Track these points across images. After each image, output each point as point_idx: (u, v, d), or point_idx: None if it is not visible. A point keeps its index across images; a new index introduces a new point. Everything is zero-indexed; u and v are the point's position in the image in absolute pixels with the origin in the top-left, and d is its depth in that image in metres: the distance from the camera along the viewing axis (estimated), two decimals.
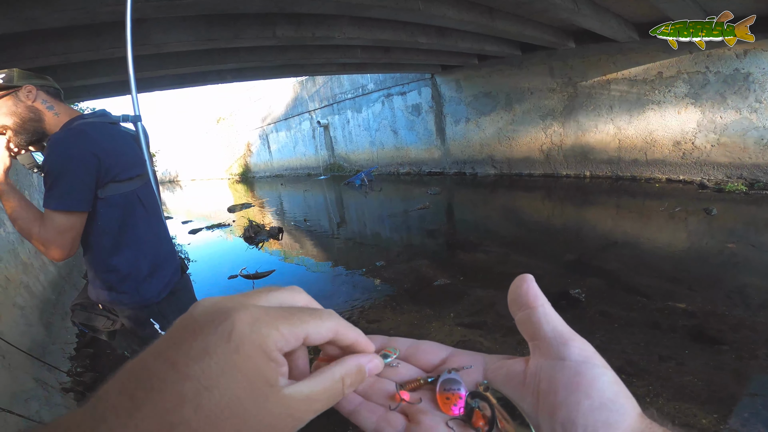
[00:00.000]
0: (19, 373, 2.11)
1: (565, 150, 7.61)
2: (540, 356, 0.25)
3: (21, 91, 1.24)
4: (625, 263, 3.61)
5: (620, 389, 0.22)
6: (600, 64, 6.56)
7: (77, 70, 4.01)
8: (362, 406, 0.28)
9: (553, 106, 7.52)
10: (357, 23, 4.46)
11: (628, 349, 2.30)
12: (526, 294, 0.26)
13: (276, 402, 0.21)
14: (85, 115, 1.34)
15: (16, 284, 2.84)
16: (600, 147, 7.07)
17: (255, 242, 6.11)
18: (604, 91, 6.70)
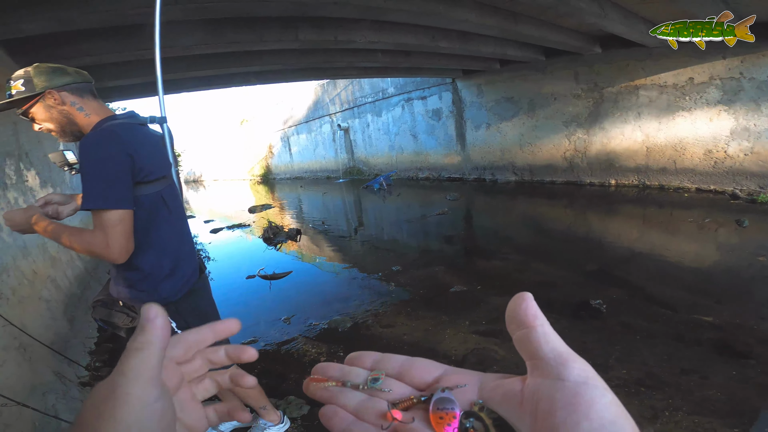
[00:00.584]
0: (39, 366, 2.16)
1: (590, 157, 7.43)
2: (538, 376, 0.24)
3: (47, 98, 1.25)
4: (650, 274, 3.48)
5: (620, 411, 0.22)
6: (628, 69, 6.39)
7: (109, 70, 4.16)
8: (354, 425, 0.28)
9: (578, 112, 7.36)
10: (378, 27, 4.49)
11: (650, 362, 2.23)
12: (525, 313, 0.26)
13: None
14: (116, 115, 1.36)
15: (43, 278, 2.93)
16: (627, 154, 6.87)
17: (274, 243, 6.19)
18: (632, 97, 6.52)
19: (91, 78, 1.36)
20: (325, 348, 2.77)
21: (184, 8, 2.81)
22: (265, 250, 5.92)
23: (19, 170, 3.08)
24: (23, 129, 3.30)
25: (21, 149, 3.20)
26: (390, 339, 2.82)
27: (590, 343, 2.48)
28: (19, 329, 2.00)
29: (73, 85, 1.29)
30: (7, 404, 1.51)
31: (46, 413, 1.70)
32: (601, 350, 2.39)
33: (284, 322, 3.27)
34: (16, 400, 1.51)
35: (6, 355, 1.93)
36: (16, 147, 3.10)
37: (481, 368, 1.42)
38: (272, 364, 2.64)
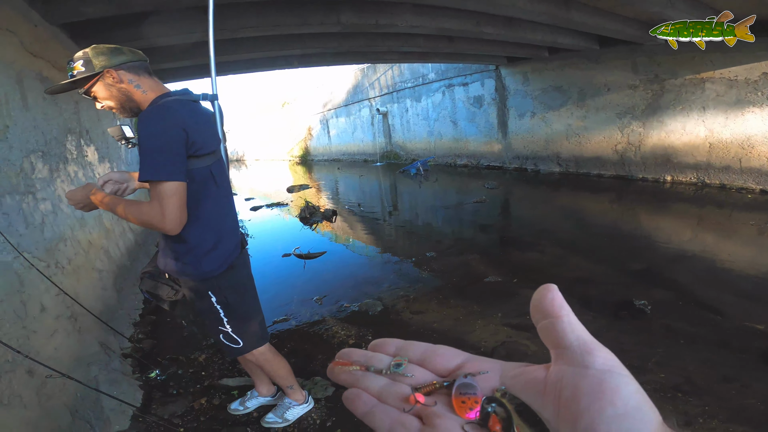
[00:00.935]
0: (86, 336, 2.21)
1: (644, 151, 6.97)
2: (563, 364, 0.24)
3: (106, 77, 1.31)
4: (701, 277, 3.26)
5: (644, 399, 0.22)
6: (694, 61, 5.87)
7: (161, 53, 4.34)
8: (377, 408, 0.28)
9: (634, 103, 6.89)
10: (420, 11, 4.37)
11: (690, 367, 2.12)
12: (551, 303, 0.26)
13: None
14: (171, 92, 1.41)
15: (97, 249, 3.09)
16: (686, 150, 6.38)
17: (309, 223, 6.33)
18: (696, 91, 6.02)
19: (146, 57, 1.41)
20: (354, 331, 2.81)
21: None
22: (301, 229, 6.07)
23: (80, 146, 3.31)
24: (84, 108, 3.53)
25: (82, 126, 3.43)
26: (419, 326, 2.82)
27: (628, 344, 2.37)
28: (72, 299, 2.10)
29: (129, 64, 1.34)
30: (53, 375, 1.57)
31: (88, 385, 1.75)
32: (639, 352, 2.28)
33: (316, 302, 3.36)
34: (61, 372, 1.57)
35: (57, 324, 1.99)
36: (77, 124, 3.32)
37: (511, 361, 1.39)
38: (301, 343, 2.72)
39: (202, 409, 2.09)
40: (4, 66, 2.18)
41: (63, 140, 2.92)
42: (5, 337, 1.53)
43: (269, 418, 1.91)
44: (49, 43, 2.86)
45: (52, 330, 1.93)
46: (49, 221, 2.34)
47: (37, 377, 1.60)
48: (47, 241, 2.25)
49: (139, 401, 2.11)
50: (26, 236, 2.02)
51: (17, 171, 2.10)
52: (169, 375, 2.38)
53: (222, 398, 2.17)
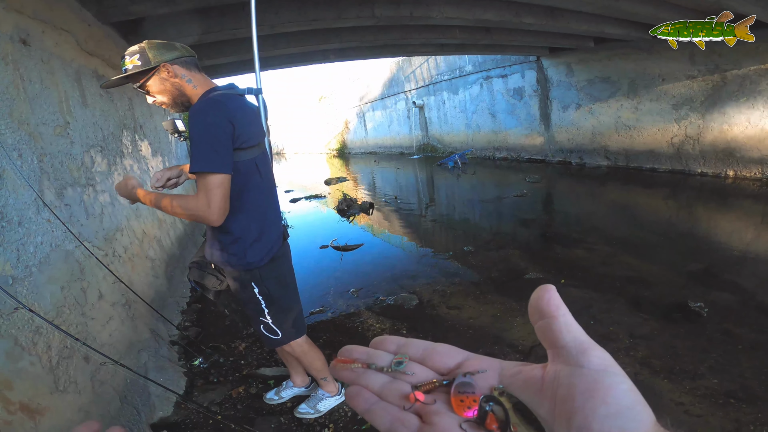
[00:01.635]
0: (139, 323, 2.28)
1: (704, 144, 6.45)
2: (559, 363, 0.25)
3: (161, 71, 1.35)
4: (765, 280, 2.98)
5: (637, 398, 0.22)
6: (758, 51, 5.38)
7: (206, 49, 4.51)
8: (377, 405, 0.29)
9: (692, 95, 6.40)
10: (456, 2, 4.24)
11: (747, 374, 1.97)
12: (548, 303, 0.26)
13: None
14: (218, 87, 1.45)
15: (150, 238, 3.25)
16: (751, 144, 5.85)
17: (347, 215, 6.40)
18: (762, 82, 5.54)
19: (194, 53, 1.45)
20: (389, 324, 2.81)
21: None
22: (339, 221, 6.15)
23: (135, 141, 3.50)
24: (138, 104, 3.73)
25: (136, 122, 3.63)
26: (455, 321, 2.78)
27: (681, 348, 2.21)
28: (127, 286, 2.20)
29: (182, 59, 1.39)
30: (106, 363, 1.64)
31: (138, 372, 1.81)
32: (692, 357, 2.13)
33: (352, 294, 3.38)
34: (113, 359, 1.63)
35: (113, 311, 2.06)
36: (132, 120, 3.51)
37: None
38: (336, 335, 2.74)
39: (240, 398, 2.15)
40: (64, 64, 2.32)
41: (119, 135, 3.10)
42: (65, 323, 1.61)
43: (302, 409, 1.95)
44: (103, 41, 3.02)
45: (108, 317, 2.00)
46: (107, 212, 2.48)
47: (93, 363, 1.66)
48: (106, 230, 2.39)
49: (182, 388, 2.18)
50: (87, 226, 2.15)
51: (78, 165, 2.25)
52: (211, 363, 2.46)
53: (259, 387, 2.23)
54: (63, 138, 2.13)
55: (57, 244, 1.75)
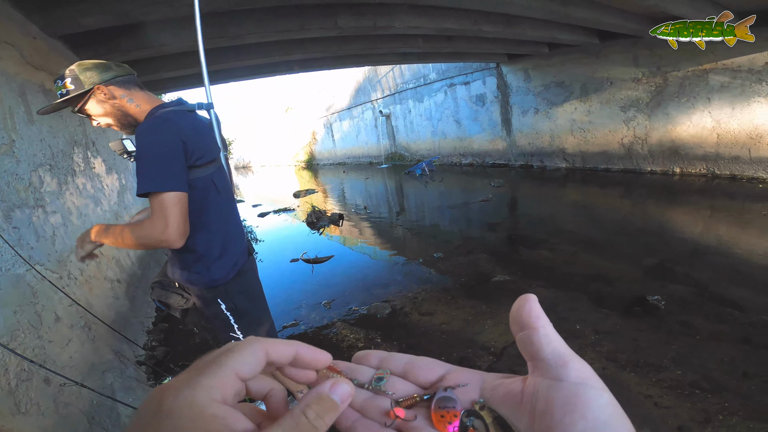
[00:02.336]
0: (101, 344, 2.27)
1: (651, 144, 6.88)
2: (538, 376, 0.25)
3: (96, 94, 1.29)
4: (717, 271, 3.19)
5: (616, 411, 0.22)
6: (696, 53, 5.79)
7: (165, 62, 4.38)
8: (358, 422, 0.28)
9: (638, 96, 6.82)
10: (418, 12, 4.36)
11: (709, 364, 2.07)
12: (528, 314, 0.26)
13: None
14: (165, 103, 1.40)
15: (108, 258, 3.13)
16: (694, 142, 6.29)
17: (317, 227, 6.33)
18: (700, 82, 5.95)
19: (133, 71, 1.40)
20: (363, 334, 2.80)
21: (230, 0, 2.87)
22: (309, 234, 6.08)
23: (87, 158, 3.34)
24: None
25: (88, 138, 3.46)
26: (428, 327, 2.80)
27: (644, 341, 2.32)
28: (85, 309, 2.13)
29: (118, 79, 1.32)
30: (66, 384, 1.61)
31: (103, 393, 1.78)
32: (655, 350, 2.23)
33: (325, 306, 3.35)
34: (75, 380, 1.61)
35: (72, 334, 2.03)
36: (83, 136, 3.35)
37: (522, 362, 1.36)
38: None
39: None
40: (7, 79, 2.20)
41: (70, 153, 2.94)
42: (21, 347, 1.57)
43: None
44: (50, 55, 2.88)
45: (67, 339, 1.96)
46: (60, 234, 2.36)
47: (54, 385, 1.63)
48: (59, 252, 2.28)
49: None
50: (38, 249, 2.04)
51: (26, 185, 2.12)
52: None
53: None
54: (8, 157, 2.01)
55: (7, 269, 1.71)
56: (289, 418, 0.23)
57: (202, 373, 0.23)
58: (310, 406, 0.24)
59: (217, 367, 0.23)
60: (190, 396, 0.22)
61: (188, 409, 0.21)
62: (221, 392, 0.22)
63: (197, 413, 0.21)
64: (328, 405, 0.24)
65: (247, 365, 0.24)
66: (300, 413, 0.23)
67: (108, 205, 3.61)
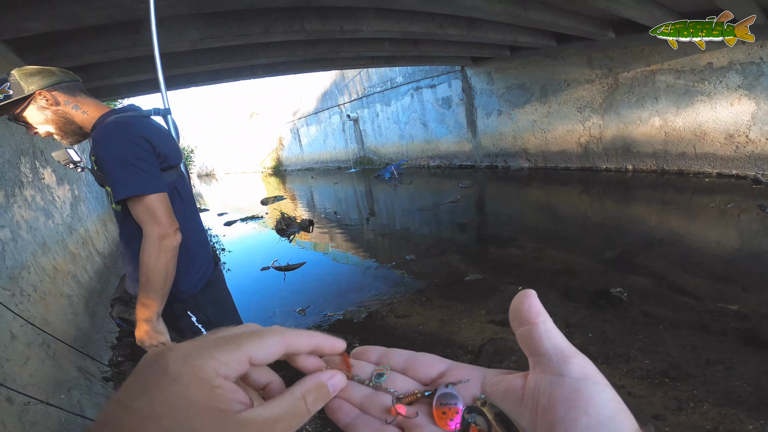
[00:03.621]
0: (63, 362, 2.17)
1: (605, 143, 7.26)
2: (540, 372, 0.25)
3: (37, 100, 1.20)
4: (672, 262, 3.39)
5: (619, 407, 0.22)
6: (643, 54, 6.20)
7: (119, 67, 4.17)
8: (359, 419, 0.28)
9: (592, 97, 7.19)
10: (384, 15, 4.40)
11: (674, 352, 2.17)
12: (528, 310, 0.26)
13: (233, 427, 0.21)
14: (116, 109, 1.32)
15: (64, 274, 2.96)
16: (644, 140, 6.69)
17: (287, 234, 6.22)
18: (648, 83, 6.34)
19: (78, 77, 1.32)
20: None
21: (190, 2, 2.78)
22: (279, 242, 5.96)
23: (35, 168, 3.12)
24: None
25: (35, 147, 3.24)
26: (405, 329, 2.81)
27: (611, 333, 2.43)
28: (39, 328, 2.01)
29: (62, 84, 1.24)
30: (31, 402, 1.54)
31: (71, 411, 1.71)
32: (622, 340, 2.34)
33: (299, 314, 3.29)
34: (39, 399, 1.53)
35: (29, 352, 1.94)
36: (30, 145, 3.13)
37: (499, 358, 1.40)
38: None
39: None
40: None
41: (16, 163, 2.75)
42: None
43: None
44: None
45: (25, 357, 1.89)
46: (9, 249, 2.22)
47: (17, 404, 1.58)
48: (9, 269, 2.15)
49: None
50: None
51: None
52: None
53: None
54: None
55: None
56: (288, 397, 0.25)
57: (217, 347, 0.23)
58: (310, 391, 0.25)
59: (235, 346, 0.23)
60: (199, 366, 0.22)
61: (195, 378, 0.21)
62: (229, 370, 0.23)
63: (203, 383, 0.21)
64: (323, 393, 0.26)
65: (263, 354, 0.24)
66: (300, 396, 0.25)
67: (60, 217, 3.39)
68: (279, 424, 0.23)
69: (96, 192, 5.06)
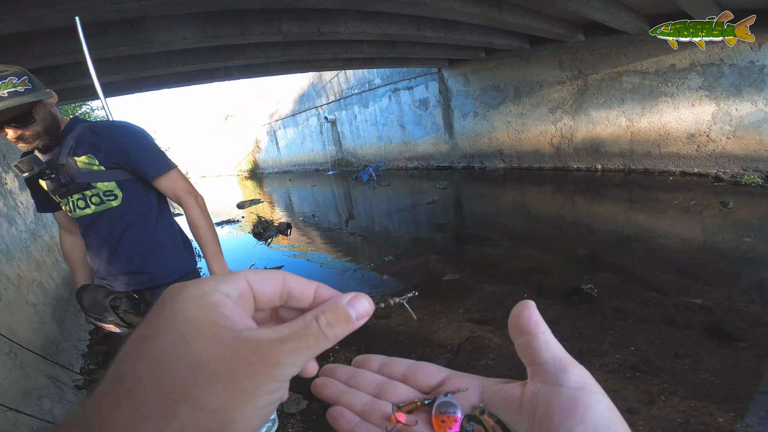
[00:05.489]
0: (31, 370, 2.12)
1: (576, 143, 7.50)
2: (538, 381, 0.25)
3: (50, 100, 1.24)
4: (639, 258, 3.54)
5: (614, 416, 0.23)
6: (611, 56, 6.45)
7: (86, 69, 4.02)
8: (359, 426, 0.28)
9: (563, 98, 7.42)
10: (363, 18, 4.42)
11: (643, 346, 2.25)
12: (528, 320, 0.27)
13: (235, 343, 0.20)
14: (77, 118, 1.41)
15: (29, 282, 2.86)
16: (612, 140, 6.95)
17: (264, 238, 6.14)
18: (615, 84, 6.59)
19: None
20: None
21: (160, 4, 2.72)
22: (256, 246, 5.87)
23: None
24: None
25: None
26: (384, 330, 2.83)
27: (584, 328, 2.51)
28: (5, 336, 1.94)
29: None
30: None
31: (42, 419, 1.67)
32: (594, 335, 2.42)
33: None
34: (9, 407, 1.48)
35: None
36: None
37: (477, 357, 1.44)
38: None
39: None
40: None
41: None
42: None
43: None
44: None
45: None
46: None
47: None
48: None
49: None
50: None
51: None
52: None
53: None
54: None
55: None
56: (300, 320, 0.23)
57: (219, 275, 0.23)
58: (324, 312, 0.23)
59: (233, 275, 0.23)
60: (198, 286, 0.22)
61: (193, 295, 0.21)
62: (229, 288, 0.22)
63: (201, 299, 0.21)
64: (342, 316, 0.23)
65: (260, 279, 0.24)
66: (312, 318, 0.23)
67: (24, 224, 3.25)
68: (286, 344, 0.21)
69: None
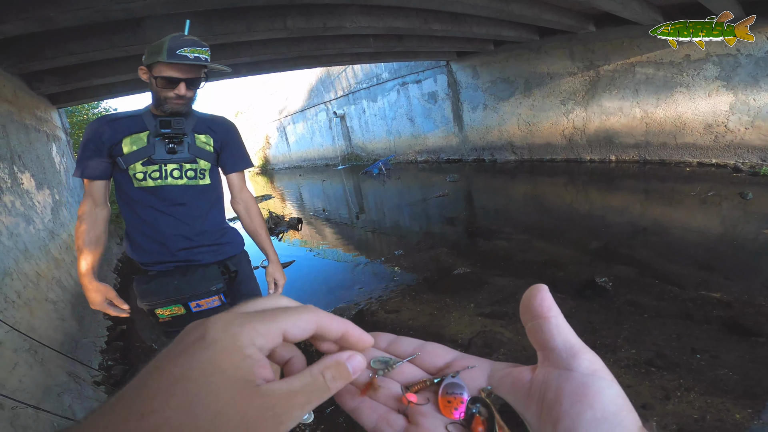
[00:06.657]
0: (51, 367, 2.17)
1: (589, 134, 7.36)
2: (548, 366, 0.25)
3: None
4: (655, 251, 3.46)
5: (624, 403, 0.22)
6: (623, 47, 6.29)
7: (96, 69, 4.08)
8: (364, 403, 0.29)
9: (575, 90, 7.28)
10: (368, 11, 4.38)
11: (659, 341, 2.19)
12: (540, 304, 0.26)
13: (255, 398, 0.21)
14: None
15: (48, 279, 2.92)
16: (626, 131, 6.81)
17: (275, 233, 6.18)
18: (628, 75, 6.45)
19: None
20: None
21: (166, 2, 2.73)
22: None
23: (14, 173, 3.05)
24: (13, 131, 3.25)
25: (13, 152, 3.16)
26: (395, 324, 2.82)
27: (598, 323, 2.47)
28: (24, 334, 2.00)
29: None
30: (17, 407, 1.53)
31: (62, 415, 1.71)
32: (608, 330, 2.37)
33: None
34: (28, 404, 1.53)
35: (17, 357, 1.93)
36: (7, 150, 3.05)
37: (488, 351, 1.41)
38: None
39: None
40: None
41: None
42: None
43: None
44: None
45: (13, 363, 1.90)
46: None
47: (8, 409, 1.61)
48: None
49: None
50: None
51: None
52: None
53: None
54: None
55: None
56: (307, 374, 0.25)
57: (256, 318, 0.24)
58: (328, 368, 0.25)
59: (272, 320, 0.24)
60: (237, 333, 0.22)
61: (230, 346, 0.22)
62: (264, 342, 0.23)
63: (237, 352, 0.22)
64: (343, 372, 0.26)
65: (297, 330, 0.25)
66: (318, 373, 0.25)
67: (42, 223, 3.32)
68: (297, 397, 0.23)
69: (78, 197, 4.95)
